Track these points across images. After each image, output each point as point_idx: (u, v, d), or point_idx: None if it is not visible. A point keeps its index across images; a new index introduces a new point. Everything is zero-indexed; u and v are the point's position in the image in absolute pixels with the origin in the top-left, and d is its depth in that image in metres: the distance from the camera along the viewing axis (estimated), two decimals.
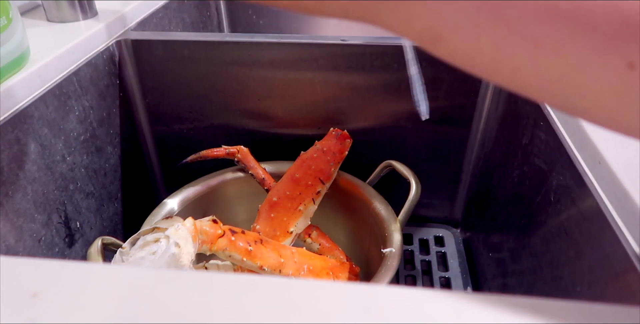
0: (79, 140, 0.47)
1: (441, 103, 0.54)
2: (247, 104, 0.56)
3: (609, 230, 0.28)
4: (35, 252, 0.41)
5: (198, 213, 0.52)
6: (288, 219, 0.48)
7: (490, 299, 0.17)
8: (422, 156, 0.58)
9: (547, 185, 0.38)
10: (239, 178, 0.54)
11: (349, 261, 0.49)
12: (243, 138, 0.58)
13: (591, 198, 0.30)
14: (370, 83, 0.53)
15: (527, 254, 0.41)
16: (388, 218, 0.47)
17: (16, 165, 0.39)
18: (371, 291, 0.18)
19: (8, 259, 0.19)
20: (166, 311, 0.17)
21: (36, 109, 0.41)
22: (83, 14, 0.52)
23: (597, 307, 0.17)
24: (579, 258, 0.31)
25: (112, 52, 0.52)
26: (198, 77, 0.54)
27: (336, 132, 0.50)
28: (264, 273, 0.40)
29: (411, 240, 0.63)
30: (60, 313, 0.17)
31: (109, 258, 0.38)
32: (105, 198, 0.52)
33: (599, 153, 0.30)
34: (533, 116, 0.43)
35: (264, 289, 0.18)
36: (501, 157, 0.51)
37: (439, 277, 0.58)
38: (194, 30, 0.77)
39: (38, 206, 0.41)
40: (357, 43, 0.50)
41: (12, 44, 0.39)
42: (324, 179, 0.49)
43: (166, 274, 0.19)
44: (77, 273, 0.18)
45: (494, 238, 0.52)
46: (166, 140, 0.60)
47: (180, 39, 0.52)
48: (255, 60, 0.52)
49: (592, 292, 0.29)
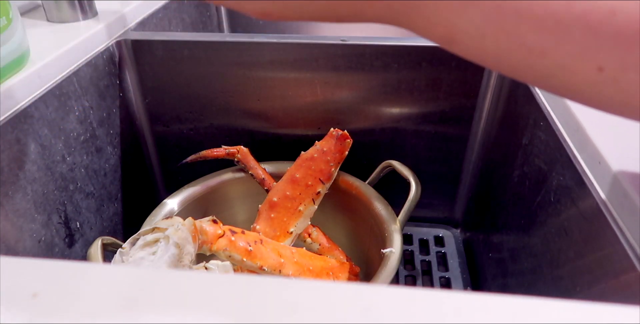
0: (79, 140, 0.47)
1: (441, 104, 0.54)
2: (247, 104, 0.56)
3: (609, 230, 0.28)
4: (35, 252, 0.41)
5: (198, 213, 0.52)
6: (288, 219, 0.48)
7: (490, 299, 0.17)
8: (422, 156, 0.58)
9: (547, 185, 0.38)
10: (239, 179, 0.54)
11: (349, 261, 0.49)
12: (243, 138, 0.58)
13: (591, 198, 0.30)
14: (370, 83, 0.53)
15: (527, 254, 0.41)
16: (388, 218, 0.47)
17: (16, 165, 0.39)
18: (371, 291, 0.18)
19: (8, 259, 0.19)
20: (166, 311, 0.17)
21: (36, 109, 0.41)
22: (83, 14, 0.52)
23: (597, 307, 0.17)
24: (579, 258, 0.31)
25: (112, 52, 0.52)
26: (198, 77, 0.54)
27: (336, 132, 0.50)
28: (264, 273, 0.40)
29: (411, 240, 0.63)
30: (60, 313, 0.17)
31: (109, 258, 0.38)
32: (105, 198, 0.52)
33: (599, 153, 0.30)
34: (533, 116, 0.43)
35: (264, 289, 0.18)
36: (501, 157, 0.51)
37: (439, 277, 0.58)
38: (194, 30, 0.77)
39: (38, 206, 0.41)
40: (357, 43, 0.50)
41: (12, 44, 0.39)
42: (324, 179, 0.49)
43: (166, 275, 0.19)
44: (77, 273, 0.18)
45: (494, 238, 0.52)
46: (166, 140, 0.60)
47: (180, 39, 0.52)
48: (255, 60, 0.52)
49: (592, 292, 0.29)
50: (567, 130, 0.36)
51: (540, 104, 0.41)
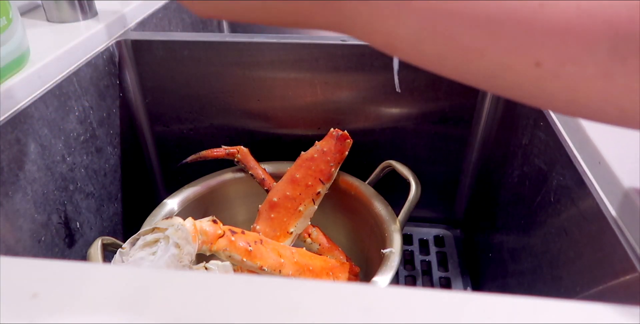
0: (79, 140, 0.47)
1: (441, 104, 0.54)
2: (247, 104, 0.56)
3: (609, 230, 0.28)
4: (35, 252, 0.41)
5: (198, 214, 0.52)
6: (288, 219, 0.48)
7: (490, 299, 0.17)
8: (422, 156, 0.58)
9: (547, 185, 0.38)
10: (239, 179, 0.54)
11: (349, 262, 0.49)
12: (243, 138, 0.58)
13: (591, 198, 0.30)
14: (370, 83, 0.53)
15: (527, 254, 0.41)
16: (388, 218, 0.47)
17: (16, 165, 0.39)
18: (371, 291, 0.18)
19: (8, 259, 0.19)
20: (166, 312, 0.17)
21: (36, 109, 0.41)
22: (83, 14, 0.52)
23: (597, 307, 0.17)
24: (579, 258, 0.31)
25: (112, 53, 0.52)
26: (198, 77, 0.54)
27: (336, 132, 0.50)
28: (264, 273, 0.40)
29: (411, 240, 0.63)
30: (60, 313, 0.17)
31: (109, 258, 0.38)
32: (105, 198, 0.52)
33: (599, 153, 0.30)
34: (533, 116, 0.43)
35: (264, 289, 0.18)
36: (501, 157, 0.51)
37: (439, 277, 0.58)
38: (194, 30, 0.77)
39: (38, 206, 0.41)
40: (357, 43, 0.50)
41: (12, 44, 0.39)
42: (324, 179, 0.49)
43: (166, 275, 0.19)
44: (77, 273, 0.18)
45: (494, 238, 0.52)
46: (166, 140, 0.60)
47: (180, 39, 0.52)
48: (255, 60, 0.52)
49: (592, 292, 0.29)
50: (567, 130, 0.36)
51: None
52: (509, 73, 0.19)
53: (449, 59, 0.20)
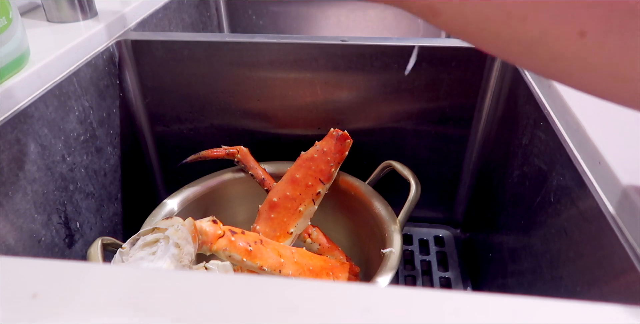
0: (79, 140, 0.47)
1: (441, 104, 0.54)
2: (247, 104, 0.56)
3: (609, 230, 0.28)
4: (35, 252, 0.41)
5: (198, 214, 0.52)
6: (288, 219, 0.48)
7: (490, 299, 0.17)
8: (422, 156, 0.58)
9: (547, 185, 0.38)
10: (239, 179, 0.54)
11: (349, 262, 0.49)
12: (243, 138, 0.58)
13: (591, 198, 0.30)
14: (370, 83, 0.53)
15: (527, 254, 0.41)
16: (388, 218, 0.47)
17: (16, 165, 0.39)
18: (371, 291, 0.18)
19: (8, 259, 0.19)
20: (166, 311, 0.17)
21: (36, 109, 0.41)
22: (83, 14, 0.52)
23: (597, 307, 0.17)
24: (579, 258, 0.31)
25: (112, 53, 0.52)
26: (198, 77, 0.54)
27: (336, 132, 0.50)
28: (264, 273, 0.40)
29: (411, 240, 0.63)
30: (60, 313, 0.17)
31: (109, 258, 0.38)
32: (105, 198, 0.52)
33: (599, 153, 0.30)
34: (533, 116, 0.43)
35: (264, 289, 0.18)
36: (501, 157, 0.51)
37: (439, 277, 0.58)
38: (194, 30, 0.77)
39: (38, 206, 0.41)
40: (357, 43, 0.50)
41: (12, 44, 0.39)
42: (324, 179, 0.49)
43: (166, 275, 0.19)
44: (77, 273, 0.18)
45: (494, 238, 0.52)
46: (166, 140, 0.60)
47: (180, 39, 0.52)
48: (255, 60, 0.52)
49: (592, 292, 0.29)
50: (567, 130, 0.36)
51: (540, 104, 0.41)
52: (551, 41, 0.19)
53: (490, 24, 0.19)
